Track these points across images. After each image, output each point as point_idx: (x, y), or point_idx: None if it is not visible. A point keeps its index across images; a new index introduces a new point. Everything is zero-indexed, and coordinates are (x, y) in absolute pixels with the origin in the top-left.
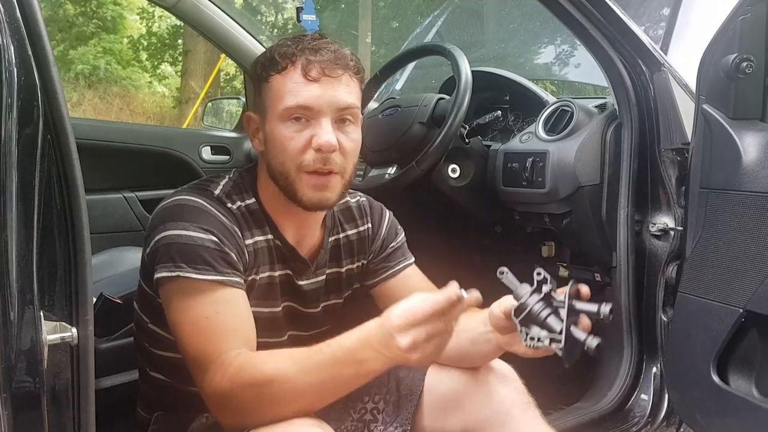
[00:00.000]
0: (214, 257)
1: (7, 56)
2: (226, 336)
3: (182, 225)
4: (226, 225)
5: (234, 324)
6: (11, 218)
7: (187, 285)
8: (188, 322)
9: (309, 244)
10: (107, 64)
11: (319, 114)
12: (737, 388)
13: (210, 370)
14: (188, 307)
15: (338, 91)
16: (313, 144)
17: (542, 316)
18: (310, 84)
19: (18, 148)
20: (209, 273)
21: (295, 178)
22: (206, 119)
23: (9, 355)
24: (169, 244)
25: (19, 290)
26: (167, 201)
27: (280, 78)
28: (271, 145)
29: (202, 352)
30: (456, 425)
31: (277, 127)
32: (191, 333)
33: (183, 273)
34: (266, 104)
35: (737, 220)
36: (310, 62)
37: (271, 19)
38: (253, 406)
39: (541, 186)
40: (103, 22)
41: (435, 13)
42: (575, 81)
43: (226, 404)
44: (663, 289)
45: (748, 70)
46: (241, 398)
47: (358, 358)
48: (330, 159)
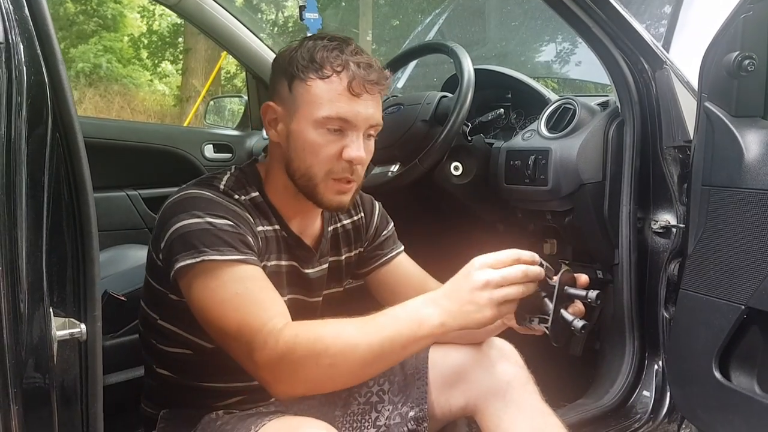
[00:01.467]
0: (233, 239)
1: (17, 55)
2: (264, 306)
3: (196, 214)
4: (238, 212)
5: (267, 295)
6: (21, 216)
7: (212, 267)
8: (221, 301)
9: (311, 233)
10: (108, 63)
11: (355, 128)
12: (739, 384)
13: (258, 340)
14: (216, 288)
15: (373, 108)
16: (345, 155)
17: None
18: (352, 98)
19: (28, 147)
20: (232, 253)
21: (320, 183)
22: (208, 117)
23: (19, 350)
24: (186, 233)
25: (29, 287)
26: (175, 196)
27: (323, 84)
28: (299, 146)
29: (244, 325)
30: (459, 398)
31: (310, 131)
32: (227, 311)
33: (207, 257)
34: (298, 104)
35: (739, 218)
36: (357, 77)
37: (272, 17)
38: (310, 369)
39: (543, 183)
40: (103, 20)
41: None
42: (577, 79)
43: (281, 370)
44: (665, 286)
45: (750, 67)
46: (299, 362)
47: (419, 316)
48: (356, 170)
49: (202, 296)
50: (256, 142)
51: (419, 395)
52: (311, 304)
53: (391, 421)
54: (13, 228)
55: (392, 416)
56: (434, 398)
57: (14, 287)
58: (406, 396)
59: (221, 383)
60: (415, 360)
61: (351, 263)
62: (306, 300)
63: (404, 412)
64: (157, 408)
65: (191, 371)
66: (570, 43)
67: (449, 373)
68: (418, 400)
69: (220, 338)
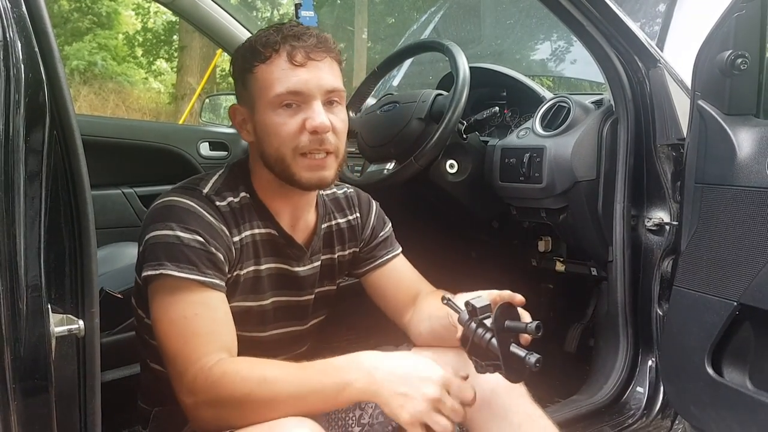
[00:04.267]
0: (198, 256)
1: (15, 52)
2: (205, 339)
3: (168, 225)
4: (213, 225)
5: (213, 327)
6: (19, 213)
7: (169, 283)
8: (168, 321)
9: (303, 229)
10: (103, 60)
11: (309, 98)
12: (731, 380)
13: (189, 374)
14: (168, 305)
15: (324, 73)
16: (308, 126)
17: (485, 341)
18: (297, 69)
19: (26, 144)
20: (192, 272)
21: (291, 162)
22: (204, 115)
23: (18, 347)
24: (155, 243)
25: (27, 283)
26: (157, 203)
27: (265, 67)
28: (264, 134)
29: (180, 354)
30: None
31: (269, 115)
32: (170, 333)
33: (166, 270)
34: (253, 94)
35: (732, 215)
36: (295, 48)
37: (267, 15)
38: (234, 413)
39: (538, 181)
40: (98, 17)
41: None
42: (571, 77)
43: (205, 409)
44: (658, 283)
45: (742, 66)
46: (224, 404)
47: (346, 380)
48: (325, 139)
49: (155, 309)
50: None
51: None
52: (300, 304)
53: (375, 420)
54: (12, 225)
55: (375, 415)
56: None
57: (13, 284)
58: None
59: None
60: None
61: (345, 262)
62: (293, 300)
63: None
64: (151, 405)
65: None
66: (565, 41)
67: None
68: None
69: (163, 357)
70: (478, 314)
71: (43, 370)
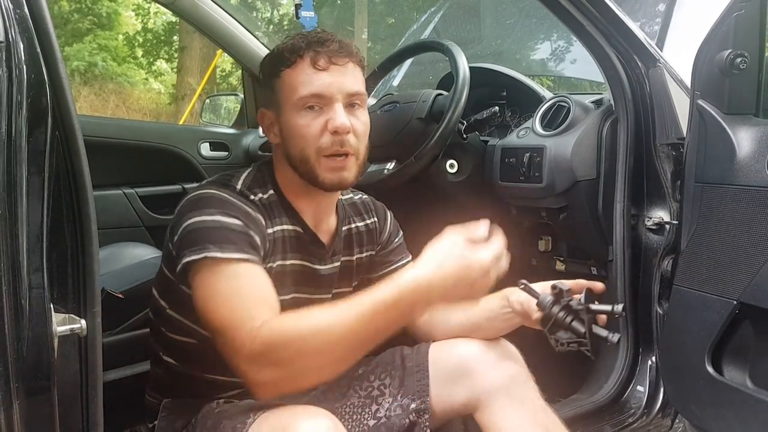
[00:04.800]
0: (239, 238)
1: (17, 53)
2: (254, 304)
3: (207, 212)
4: (251, 214)
5: (262, 294)
6: (22, 213)
7: (213, 264)
8: (215, 296)
9: (326, 231)
10: (103, 61)
11: (331, 100)
12: (731, 379)
13: (238, 338)
14: (214, 283)
15: (346, 77)
16: (329, 127)
17: (567, 322)
18: (319, 73)
19: (28, 145)
20: (234, 252)
21: (315, 163)
22: (204, 116)
23: (21, 346)
24: (194, 229)
25: (30, 283)
26: (193, 193)
27: (291, 72)
28: (289, 135)
29: (228, 322)
30: (462, 394)
31: (293, 117)
32: (219, 305)
33: (209, 253)
34: (280, 98)
35: (731, 214)
36: (318, 53)
37: (267, 16)
38: (293, 361)
39: (538, 181)
40: (98, 18)
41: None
42: (571, 77)
43: (264, 363)
44: (658, 282)
45: (742, 65)
46: (282, 354)
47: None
48: (345, 141)
49: (200, 290)
50: (253, 140)
51: (420, 387)
52: (318, 302)
53: (392, 413)
54: (14, 225)
55: (392, 408)
56: (436, 393)
57: (15, 283)
58: (407, 388)
59: (224, 376)
60: (416, 355)
61: (362, 264)
62: (312, 298)
63: (405, 404)
64: (160, 397)
65: (196, 362)
66: (565, 41)
67: (452, 369)
68: (419, 392)
69: (210, 333)
70: (564, 296)
71: (45, 369)
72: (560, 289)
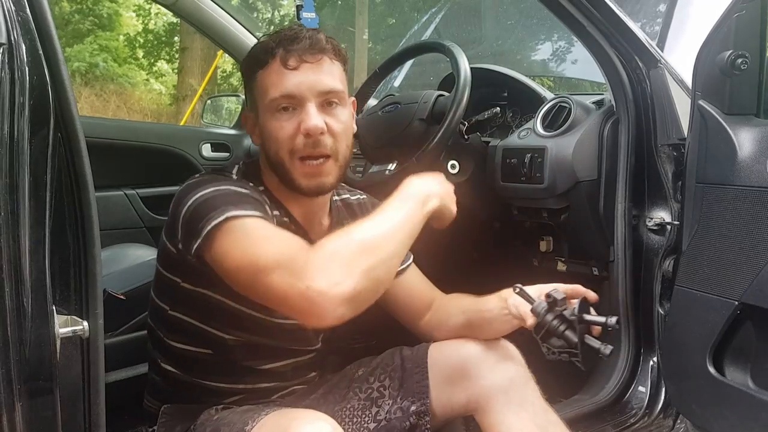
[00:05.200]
0: (255, 204)
1: (20, 55)
2: (294, 241)
3: (215, 184)
4: (254, 194)
5: (295, 238)
6: (24, 215)
7: (238, 223)
8: (255, 242)
9: (318, 233)
10: (104, 62)
11: (303, 100)
12: (733, 379)
13: (299, 258)
14: (245, 237)
15: (319, 75)
16: (301, 129)
17: (560, 331)
18: (290, 73)
19: (30, 146)
20: (255, 210)
21: (290, 166)
22: (206, 116)
23: (23, 348)
24: (208, 198)
25: (32, 285)
26: (189, 181)
27: (264, 73)
28: (266, 137)
29: (282, 253)
30: (461, 395)
31: (268, 119)
32: (261, 249)
33: (231, 213)
34: (257, 100)
35: (732, 214)
36: (289, 52)
37: (268, 16)
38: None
39: (539, 181)
40: (99, 19)
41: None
42: (572, 77)
43: (334, 272)
44: (660, 283)
45: (743, 66)
46: (348, 257)
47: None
48: (320, 142)
49: (232, 247)
50: None
51: (420, 389)
52: None
53: (392, 416)
54: (17, 227)
55: (393, 410)
56: (436, 395)
57: (18, 285)
58: (406, 390)
59: (224, 383)
60: (415, 356)
61: None
62: None
63: (405, 406)
64: (159, 403)
65: (195, 369)
66: (566, 41)
67: (451, 370)
68: (419, 394)
69: (257, 278)
70: (558, 306)
71: (48, 371)
72: (554, 298)
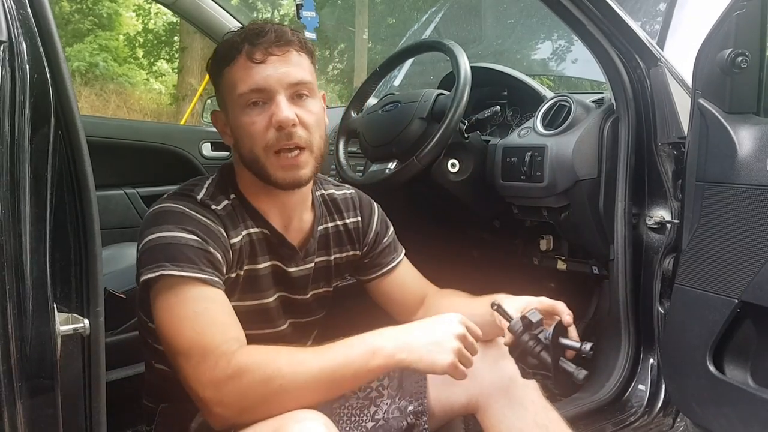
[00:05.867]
0: (197, 255)
1: (20, 53)
2: (220, 328)
3: (165, 227)
4: (210, 227)
5: (225, 319)
6: (25, 213)
7: (171, 283)
8: (177, 318)
9: (297, 230)
10: (104, 62)
11: (272, 93)
12: (733, 377)
13: (209, 360)
14: (175, 304)
15: (288, 67)
16: (273, 122)
17: (536, 351)
18: (257, 66)
19: (31, 145)
20: (193, 270)
21: (265, 161)
22: (206, 116)
23: (24, 345)
24: (152, 246)
25: (33, 283)
26: (151, 209)
27: (230, 69)
28: (238, 135)
29: (197, 344)
30: (461, 395)
31: (238, 115)
32: (181, 328)
33: (166, 271)
34: (225, 98)
35: (732, 213)
36: (254, 46)
37: (268, 16)
38: (259, 392)
39: (539, 180)
40: (98, 19)
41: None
42: (572, 76)
43: (229, 392)
44: (660, 281)
45: (743, 64)
46: (249, 385)
47: (373, 347)
48: (293, 134)
49: (160, 311)
50: None
51: (417, 389)
52: (300, 302)
53: (390, 415)
54: (18, 225)
55: (390, 410)
56: (434, 395)
57: (19, 283)
58: (405, 390)
59: None
60: None
61: (342, 264)
62: (293, 297)
63: (403, 406)
64: (156, 403)
65: None
66: (566, 40)
67: None
68: (416, 394)
69: (172, 356)
70: (533, 329)
71: (48, 368)
72: (530, 321)
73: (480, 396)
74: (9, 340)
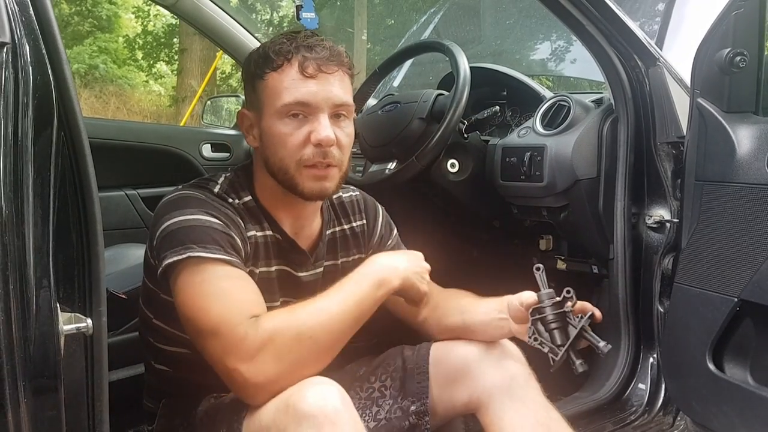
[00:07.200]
0: (221, 239)
1: (23, 55)
2: (248, 302)
3: (188, 211)
4: (229, 215)
5: (248, 295)
6: (28, 213)
7: (198, 264)
8: (203, 296)
9: (307, 236)
10: (103, 63)
11: (316, 110)
12: (732, 375)
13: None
14: (200, 283)
15: (334, 87)
16: (312, 139)
17: (551, 326)
18: (307, 80)
19: (34, 146)
20: (219, 252)
21: (295, 173)
22: (206, 117)
23: (28, 345)
24: (176, 229)
25: (36, 283)
26: (169, 196)
27: (277, 75)
28: (269, 142)
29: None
30: (463, 394)
31: (275, 123)
32: (208, 305)
33: (193, 253)
34: (262, 101)
35: (731, 212)
36: (307, 59)
37: (267, 17)
38: (294, 351)
39: (539, 180)
40: (98, 21)
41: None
42: (571, 76)
43: (264, 360)
44: (659, 280)
45: (741, 64)
46: (282, 346)
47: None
48: (328, 152)
49: (185, 291)
50: None
51: (420, 389)
52: None
53: (392, 415)
54: (21, 225)
55: (393, 410)
56: (437, 394)
57: (22, 283)
58: (407, 390)
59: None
60: (416, 356)
61: (348, 268)
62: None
63: (405, 406)
64: (156, 402)
65: (187, 367)
66: (565, 41)
67: (453, 369)
68: (418, 394)
69: (198, 336)
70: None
71: (52, 368)
72: (565, 297)
73: (482, 395)
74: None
